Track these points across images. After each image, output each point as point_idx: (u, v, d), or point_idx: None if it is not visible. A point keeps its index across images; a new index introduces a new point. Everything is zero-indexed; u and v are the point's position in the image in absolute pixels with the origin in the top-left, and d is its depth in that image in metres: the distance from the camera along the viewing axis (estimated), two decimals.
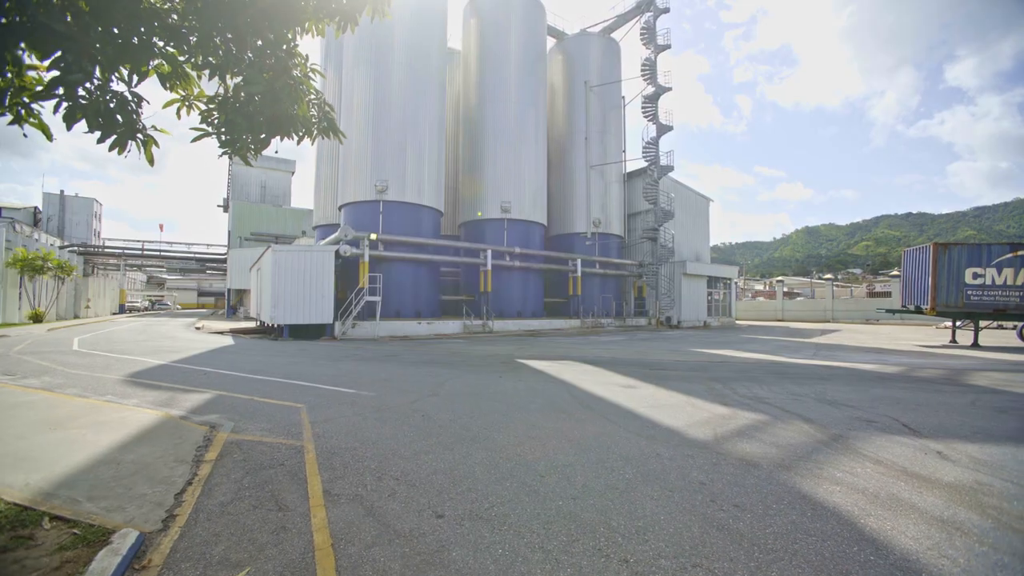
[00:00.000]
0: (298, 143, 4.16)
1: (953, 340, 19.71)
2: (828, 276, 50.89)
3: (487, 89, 31.45)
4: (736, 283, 41.41)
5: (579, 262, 31.58)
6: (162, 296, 78.35)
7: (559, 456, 4.83)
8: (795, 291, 68.43)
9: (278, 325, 20.24)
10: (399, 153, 25.73)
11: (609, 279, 35.63)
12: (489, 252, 27.27)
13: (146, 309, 61.16)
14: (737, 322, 40.96)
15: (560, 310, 33.96)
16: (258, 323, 26.28)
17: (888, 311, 23.60)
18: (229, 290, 47.29)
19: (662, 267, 32.71)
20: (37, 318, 32.08)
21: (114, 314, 49.64)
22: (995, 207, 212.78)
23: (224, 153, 3.75)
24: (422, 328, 23.61)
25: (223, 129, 3.62)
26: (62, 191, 72.33)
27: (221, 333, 22.19)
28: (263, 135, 3.72)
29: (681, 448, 5.10)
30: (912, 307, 20.10)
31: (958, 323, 19.70)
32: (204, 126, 3.63)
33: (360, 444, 5.15)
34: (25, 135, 3.33)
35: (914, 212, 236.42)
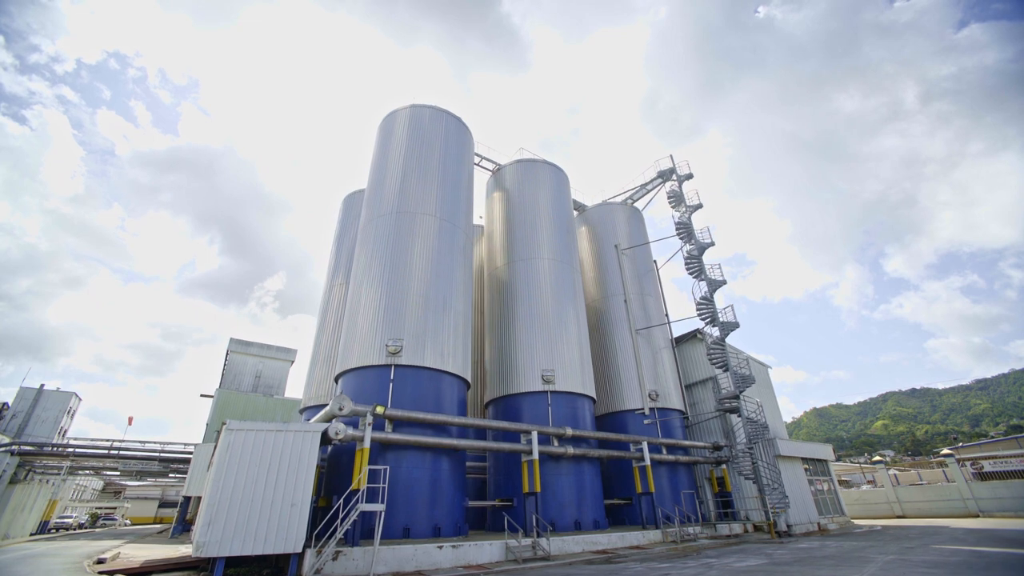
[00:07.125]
0: None
1: None
2: (946, 452, 41.73)
3: (517, 251, 28.52)
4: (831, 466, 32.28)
5: (645, 446, 23.90)
6: (112, 509, 65.19)
7: None
8: (844, 478, 57.79)
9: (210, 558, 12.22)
10: (420, 307, 20.88)
11: (679, 468, 27.17)
12: (534, 434, 20.05)
13: (81, 526, 49.01)
14: (853, 521, 30.61)
15: (621, 514, 24.87)
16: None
17: None
18: (187, 499, 37.09)
19: (755, 447, 24.69)
20: None
21: (32, 535, 38.56)
22: (996, 379, 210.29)
23: None
24: (445, 556, 15.03)
25: None
26: (41, 385, 66.26)
27: (120, 574, 13.72)
28: None
29: None
30: None
31: None
32: None
33: None
34: None
35: (918, 388, 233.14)
